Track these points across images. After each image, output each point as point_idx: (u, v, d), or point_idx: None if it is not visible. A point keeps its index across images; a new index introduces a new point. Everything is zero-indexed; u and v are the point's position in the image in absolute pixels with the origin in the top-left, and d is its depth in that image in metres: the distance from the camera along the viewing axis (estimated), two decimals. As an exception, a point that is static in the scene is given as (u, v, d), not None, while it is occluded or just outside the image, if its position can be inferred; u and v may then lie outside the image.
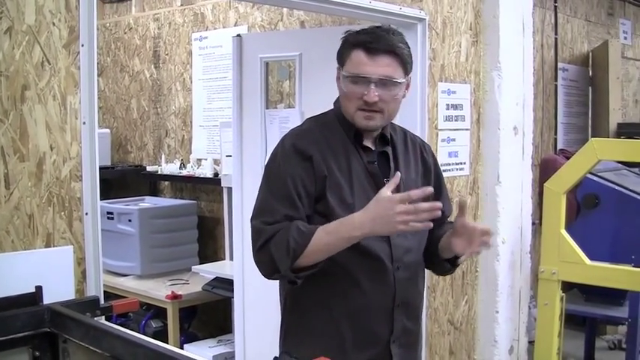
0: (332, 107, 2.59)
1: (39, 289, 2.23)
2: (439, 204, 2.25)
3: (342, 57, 2.44)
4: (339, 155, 2.44)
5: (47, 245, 2.50)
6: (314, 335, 2.48)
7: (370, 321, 2.45)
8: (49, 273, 2.41)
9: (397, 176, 2.28)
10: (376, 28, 2.47)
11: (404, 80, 2.41)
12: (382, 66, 2.35)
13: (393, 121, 2.61)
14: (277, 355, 2.49)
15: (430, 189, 2.28)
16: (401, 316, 2.50)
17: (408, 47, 2.44)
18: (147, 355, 1.80)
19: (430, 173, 2.64)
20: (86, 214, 2.60)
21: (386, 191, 2.23)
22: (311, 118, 2.61)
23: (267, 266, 2.35)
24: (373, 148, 2.52)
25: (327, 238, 2.29)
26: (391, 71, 2.37)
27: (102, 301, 2.40)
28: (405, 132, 2.66)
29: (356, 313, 2.43)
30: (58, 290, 2.34)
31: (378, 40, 2.36)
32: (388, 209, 2.21)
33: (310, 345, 2.43)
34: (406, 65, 2.41)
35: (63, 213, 2.55)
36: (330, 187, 2.38)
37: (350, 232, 2.28)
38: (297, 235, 2.28)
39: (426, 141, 4.01)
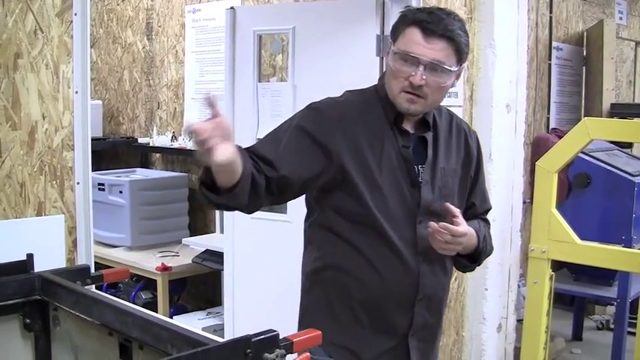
0: (328, 82, 2.54)
1: (30, 256, 2.22)
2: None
3: (396, 32, 2.31)
4: (372, 134, 2.33)
5: (39, 214, 2.50)
6: (332, 318, 2.40)
7: (388, 311, 2.38)
8: (40, 241, 2.41)
9: None
10: (438, 9, 2.33)
11: (455, 69, 2.28)
12: (435, 50, 2.22)
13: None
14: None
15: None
16: (422, 310, 2.41)
17: (467, 36, 2.30)
18: (136, 323, 1.80)
19: (472, 162, 2.52)
20: (77, 183, 2.60)
21: None
22: (350, 91, 2.48)
23: None
24: (412, 132, 2.39)
25: None
26: (443, 56, 2.23)
27: (92, 270, 2.40)
28: (451, 115, 2.53)
29: (374, 301, 2.35)
30: (49, 258, 2.33)
31: (438, 22, 2.22)
32: None
33: (328, 327, 2.15)
34: (461, 54, 2.28)
35: (54, 182, 2.55)
36: (355, 165, 2.29)
37: None
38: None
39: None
